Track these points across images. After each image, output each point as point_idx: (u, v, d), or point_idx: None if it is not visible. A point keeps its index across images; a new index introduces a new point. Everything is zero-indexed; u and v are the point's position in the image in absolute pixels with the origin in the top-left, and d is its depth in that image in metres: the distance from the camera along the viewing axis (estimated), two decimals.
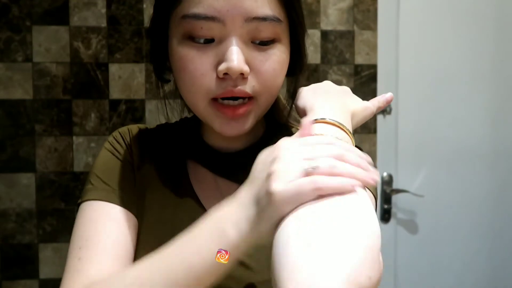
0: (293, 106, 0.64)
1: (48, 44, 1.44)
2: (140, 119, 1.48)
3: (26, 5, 1.43)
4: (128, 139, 0.67)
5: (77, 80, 1.46)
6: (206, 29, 0.53)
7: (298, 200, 0.41)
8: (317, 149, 0.44)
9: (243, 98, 0.56)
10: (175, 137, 0.69)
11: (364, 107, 0.60)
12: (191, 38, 0.55)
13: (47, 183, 1.45)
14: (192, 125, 0.68)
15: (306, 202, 0.41)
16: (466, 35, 1.62)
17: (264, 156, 0.47)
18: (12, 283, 1.45)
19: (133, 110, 1.47)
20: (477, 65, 1.63)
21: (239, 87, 0.54)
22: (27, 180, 1.45)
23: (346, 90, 0.63)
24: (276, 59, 0.56)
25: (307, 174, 0.42)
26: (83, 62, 1.45)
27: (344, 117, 0.55)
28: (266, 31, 0.55)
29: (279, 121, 0.68)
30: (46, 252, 1.45)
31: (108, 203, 0.61)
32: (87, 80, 1.46)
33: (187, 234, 0.48)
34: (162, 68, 0.63)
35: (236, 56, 0.52)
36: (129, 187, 0.63)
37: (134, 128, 0.70)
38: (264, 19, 0.54)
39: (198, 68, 0.54)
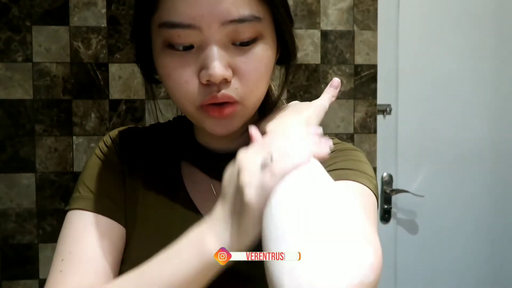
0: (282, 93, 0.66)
1: (48, 44, 1.44)
2: (140, 119, 1.47)
3: (26, 5, 1.43)
4: (119, 143, 0.66)
5: (77, 80, 1.46)
6: (184, 37, 0.52)
7: (268, 194, 0.43)
8: (270, 144, 0.47)
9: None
10: (169, 138, 0.67)
11: (315, 108, 0.58)
12: (171, 46, 0.53)
13: (47, 183, 1.45)
14: (185, 126, 0.67)
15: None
16: (466, 35, 1.62)
17: (230, 171, 0.49)
18: (12, 283, 1.45)
19: (133, 110, 1.47)
20: (477, 65, 1.63)
21: (222, 92, 0.53)
22: (27, 180, 1.45)
23: (295, 103, 0.63)
24: (259, 58, 0.54)
25: (265, 168, 0.43)
26: (83, 62, 1.45)
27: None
28: (245, 31, 0.52)
29: None
30: (46, 252, 1.45)
31: (94, 214, 0.59)
32: (87, 80, 1.46)
33: (168, 250, 0.48)
34: (149, 69, 0.62)
35: (216, 63, 0.51)
36: (118, 196, 0.62)
37: (126, 130, 0.68)
38: (241, 20, 0.51)
39: (180, 76, 0.53)
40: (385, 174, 1.61)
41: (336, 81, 0.61)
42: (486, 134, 1.64)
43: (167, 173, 0.65)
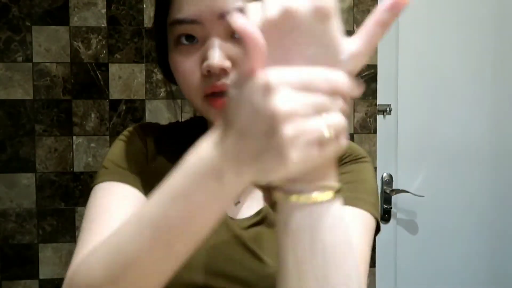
0: None
1: (48, 44, 1.44)
2: (140, 119, 1.47)
3: (26, 5, 1.43)
4: (143, 134, 0.71)
5: (77, 80, 1.46)
6: (190, 32, 0.58)
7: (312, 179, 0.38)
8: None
9: None
10: (186, 134, 0.72)
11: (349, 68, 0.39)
12: (179, 42, 0.59)
13: (47, 183, 1.45)
14: (201, 122, 0.72)
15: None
16: (466, 35, 1.62)
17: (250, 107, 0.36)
18: (12, 283, 1.45)
19: (133, 110, 1.47)
20: (477, 65, 1.63)
21: (222, 81, 0.57)
22: (27, 180, 1.45)
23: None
24: None
25: (321, 145, 0.35)
26: (83, 62, 1.45)
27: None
28: None
29: None
30: (46, 252, 1.45)
31: (120, 183, 0.63)
32: (87, 80, 1.46)
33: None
34: (169, 70, 0.66)
35: (215, 54, 0.56)
36: (142, 171, 0.66)
37: (147, 124, 0.74)
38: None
39: (187, 68, 0.59)
40: (385, 174, 1.61)
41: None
42: (486, 133, 1.64)
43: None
